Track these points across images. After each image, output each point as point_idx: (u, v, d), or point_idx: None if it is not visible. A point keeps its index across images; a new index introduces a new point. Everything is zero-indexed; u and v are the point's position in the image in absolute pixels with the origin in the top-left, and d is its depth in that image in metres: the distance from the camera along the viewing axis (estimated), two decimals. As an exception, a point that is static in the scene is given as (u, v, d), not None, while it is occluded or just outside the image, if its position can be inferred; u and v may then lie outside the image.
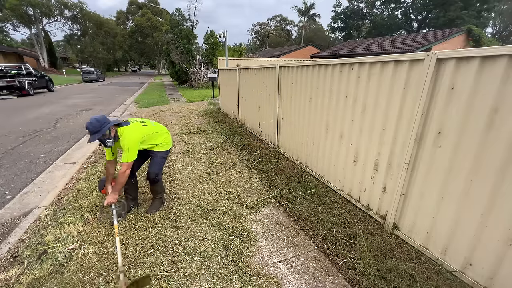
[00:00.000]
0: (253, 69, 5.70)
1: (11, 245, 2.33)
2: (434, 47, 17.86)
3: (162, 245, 2.31)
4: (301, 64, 3.75)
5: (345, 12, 42.10)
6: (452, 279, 1.90)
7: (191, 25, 21.22)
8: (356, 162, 2.88)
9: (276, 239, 2.46)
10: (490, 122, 1.65)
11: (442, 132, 1.94)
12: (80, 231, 2.46)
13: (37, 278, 1.94)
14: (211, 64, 21.40)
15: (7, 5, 29.60)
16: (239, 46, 31.80)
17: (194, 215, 2.82)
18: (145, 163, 2.93)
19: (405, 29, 39.00)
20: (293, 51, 31.84)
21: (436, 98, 1.95)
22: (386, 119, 2.42)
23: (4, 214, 2.90)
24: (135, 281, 1.79)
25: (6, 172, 4.07)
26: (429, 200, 2.08)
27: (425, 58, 1.98)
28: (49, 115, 8.68)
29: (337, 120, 3.11)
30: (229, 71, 8.12)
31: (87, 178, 3.64)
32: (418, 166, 2.15)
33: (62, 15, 37.57)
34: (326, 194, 3.18)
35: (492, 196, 1.67)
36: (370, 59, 2.51)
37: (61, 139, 5.92)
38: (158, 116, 8.56)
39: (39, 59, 34.49)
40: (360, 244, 2.25)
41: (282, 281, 1.97)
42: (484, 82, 1.66)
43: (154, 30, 43.27)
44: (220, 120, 7.67)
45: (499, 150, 1.61)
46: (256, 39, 65.57)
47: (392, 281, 1.88)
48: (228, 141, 5.62)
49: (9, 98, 13.04)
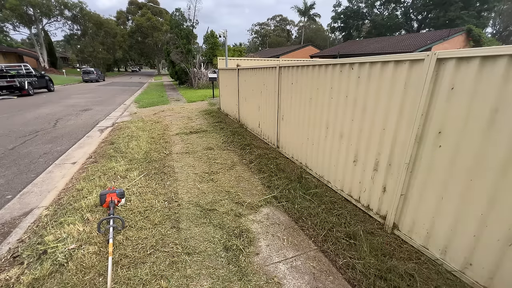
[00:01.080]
0: (253, 69, 5.70)
1: (11, 245, 2.33)
2: (434, 47, 17.87)
3: (162, 245, 2.31)
4: (301, 64, 3.75)
5: (345, 12, 42.11)
6: (452, 279, 1.90)
7: (191, 25, 21.23)
8: (356, 162, 2.88)
9: (276, 239, 2.46)
10: (490, 122, 1.65)
11: (442, 132, 1.94)
12: (80, 231, 2.46)
13: (37, 278, 1.94)
14: (211, 64, 21.40)
15: (7, 5, 29.60)
16: (239, 46, 31.82)
17: (194, 215, 2.82)
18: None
19: (405, 29, 39.01)
20: (293, 51, 31.86)
21: (436, 98, 1.95)
22: (386, 119, 2.42)
23: (4, 214, 2.90)
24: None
25: (6, 172, 4.07)
26: (429, 200, 2.08)
27: (425, 58, 1.98)
28: (49, 115, 8.68)
29: (337, 120, 3.11)
30: (229, 71, 8.12)
31: (87, 178, 3.64)
32: (418, 166, 2.15)
33: (62, 15, 37.60)
34: (326, 194, 3.18)
35: (492, 196, 1.67)
36: (370, 59, 2.51)
37: (61, 139, 5.92)
38: (158, 116, 8.56)
39: (39, 59, 34.49)
40: (360, 244, 2.25)
41: (282, 281, 1.97)
42: (484, 82, 1.66)
43: (154, 30, 43.30)
44: (220, 120, 7.67)
45: (499, 150, 1.61)
46: (256, 39, 65.62)
47: (392, 281, 1.88)
48: (228, 141, 5.62)
49: (9, 98, 13.04)
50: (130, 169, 3.93)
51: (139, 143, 5.23)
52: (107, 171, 3.85)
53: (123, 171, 3.85)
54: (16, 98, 13.15)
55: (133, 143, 5.21)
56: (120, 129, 6.57)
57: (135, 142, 5.24)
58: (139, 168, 3.98)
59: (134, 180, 3.57)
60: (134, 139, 5.48)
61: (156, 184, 3.50)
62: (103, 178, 3.60)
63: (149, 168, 4.01)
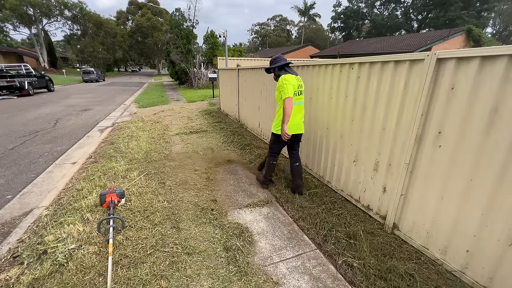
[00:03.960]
0: (253, 69, 5.69)
1: (11, 245, 2.33)
2: (434, 47, 17.87)
3: (162, 245, 2.31)
4: (301, 64, 3.75)
5: (345, 12, 42.10)
6: (452, 279, 1.90)
7: (191, 25, 21.21)
8: (356, 162, 2.88)
9: (276, 239, 2.46)
10: (490, 122, 1.65)
11: (442, 132, 1.94)
12: (80, 231, 2.46)
13: (37, 278, 1.94)
14: (211, 64, 21.40)
15: (7, 5, 29.58)
16: (239, 46, 31.81)
17: (194, 215, 2.82)
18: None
19: (405, 29, 39.01)
20: (293, 51, 31.84)
21: (436, 98, 1.95)
22: (386, 119, 2.42)
23: (4, 214, 2.90)
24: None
25: (6, 172, 4.07)
26: (429, 200, 2.08)
27: (425, 58, 1.98)
28: (49, 115, 8.68)
29: (337, 120, 3.11)
30: (229, 71, 8.12)
31: (87, 178, 3.64)
32: (418, 166, 2.15)
33: (62, 15, 37.55)
34: (326, 194, 3.19)
35: (492, 196, 1.67)
36: (370, 59, 2.51)
37: (61, 139, 5.91)
38: (158, 116, 8.55)
39: (39, 59, 34.48)
40: (360, 244, 2.25)
41: (282, 281, 1.97)
42: (484, 82, 1.66)
43: (154, 30, 43.30)
44: (220, 120, 7.67)
45: (499, 150, 1.61)
46: (256, 39, 65.63)
47: (392, 281, 1.88)
48: (228, 141, 5.62)
49: (9, 98, 13.04)
50: (130, 169, 3.93)
51: (139, 143, 5.23)
52: (107, 171, 3.85)
53: (123, 171, 3.85)
54: (16, 98, 13.14)
55: (133, 143, 5.21)
56: (120, 129, 6.57)
57: (135, 142, 5.25)
58: (139, 168, 3.98)
59: (134, 180, 3.57)
60: (134, 139, 5.48)
61: (156, 184, 3.50)
62: (103, 178, 3.60)
63: (149, 168, 4.01)
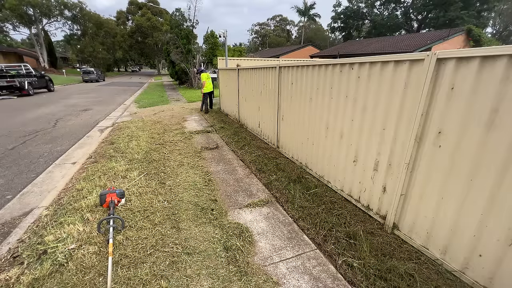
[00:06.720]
0: (253, 69, 5.70)
1: (11, 245, 2.33)
2: (434, 47, 17.86)
3: (162, 245, 2.31)
4: (301, 64, 3.75)
5: (345, 12, 42.05)
6: (452, 279, 1.90)
7: (191, 25, 21.18)
8: (356, 162, 2.88)
9: (276, 239, 2.46)
10: (490, 122, 1.65)
11: (442, 132, 1.94)
12: (80, 231, 2.46)
13: (37, 278, 1.94)
14: (211, 64, 21.39)
15: (7, 5, 29.57)
16: (239, 46, 31.81)
17: (194, 215, 2.82)
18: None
19: (405, 29, 38.99)
20: (293, 51, 31.83)
21: (436, 98, 1.95)
22: (386, 119, 2.42)
23: (4, 214, 2.90)
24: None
25: (6, 172, 4.07)
26: (429, 200, 2.08)
27: (425, 58, 1.98)
28: (49, 115, 8.68)
29: (337, 120, 3.11)
30: (229, 71, 8.12)
31: (87, 178, 3.64)
32: (418, 166, 2.15)
33: (62, 15, 37.52)
34: (326, 194, 3.19)
35: (492, 196, 1.67)
36: (370, 59, 2.51)
37: (61, 139, 5.91)
38: (158, 116, 8.55)
39: (39, 59, 34.46)
40: (360, 244, 2.25)
41: (282, 281, 1.97)
42: (484, 82, 1.66)
43: (154, 30, 43.21)
44: (220, 120, 7.67)
45: (499, 150, 1.61)
46: (256, 39, 65.59)
47: (392, 281, 1.88)
48: (228, 141, 5.62)
49: (9, 98, 13.03)
50: (130, 169, 3.93)
51: (139, 143, 5.23)
52: (107, 171, 3.85)
53: (123, 171, 3.85)
54: (16, 98, 13.14)
55: (133, 143, 5.21)
56: (120, 129, 6.56)
57: (135, 142, 5.25)
58: (139, 168, 3.98)
59: (134, 180, 3.57)
60: (134, 139, 5.48)
61: (156, 184, 3.50)
62: (103, 178, 3.60)
63: (149, 168, 4.01)
